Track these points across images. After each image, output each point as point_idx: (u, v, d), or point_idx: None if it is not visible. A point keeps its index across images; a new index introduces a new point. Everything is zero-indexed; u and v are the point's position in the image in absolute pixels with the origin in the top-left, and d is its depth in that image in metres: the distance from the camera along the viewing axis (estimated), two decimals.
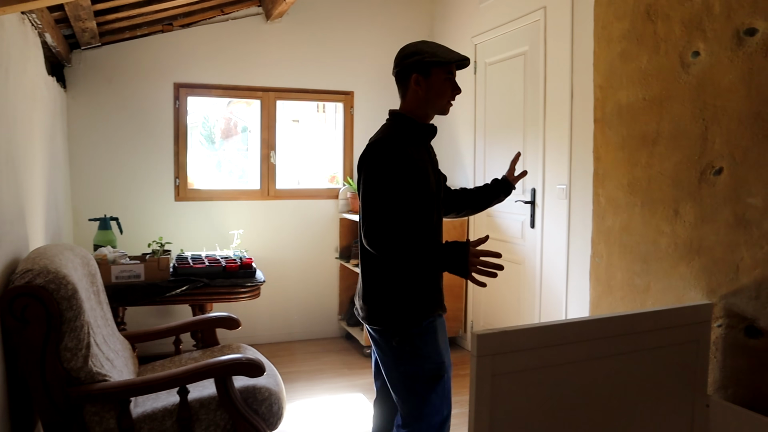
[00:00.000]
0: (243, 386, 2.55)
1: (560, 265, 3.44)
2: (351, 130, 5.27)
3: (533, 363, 1.93)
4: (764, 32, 2.15)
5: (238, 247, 4.45)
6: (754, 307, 2.21)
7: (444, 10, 5.20)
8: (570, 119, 3.40)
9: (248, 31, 4.93)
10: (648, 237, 2.67)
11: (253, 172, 5.10)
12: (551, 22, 3.62)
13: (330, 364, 4.52)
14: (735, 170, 2.28)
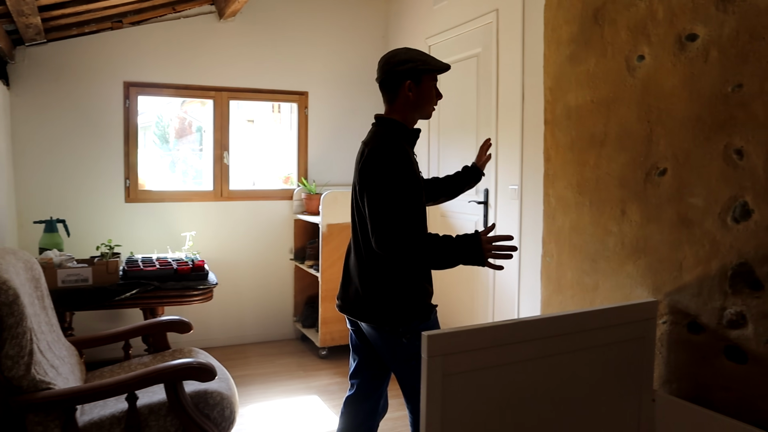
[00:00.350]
0: (194, 391, 2.51)
1: (512, 265, 3.49)
2: (305, 130, 5.25)
3: (484, 363, 1.94)
4: (704, 38, 2.22)
5: (190, 249, 4.38)
6: (696, 303, 2.28)
7: (398, 11, 5.21)
8: (521, 120, 3.45)
9: (201, 29, 4.85)
10: (596, 236, 2.73)
11: (207, 172, 5.02)
12: (503, 24, 3.67)
13: (285, 366, 4.49)
14: (678, 171, 2.34)
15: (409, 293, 2.25)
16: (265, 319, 5.14)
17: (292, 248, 5.20)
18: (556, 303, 2.99)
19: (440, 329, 1.90)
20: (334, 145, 5.33)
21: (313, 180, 5.22)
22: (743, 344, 2.11)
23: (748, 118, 2.08)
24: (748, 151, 2.08)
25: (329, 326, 4.58)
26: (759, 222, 2.05)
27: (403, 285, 2.24)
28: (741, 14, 2.09)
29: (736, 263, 2.13)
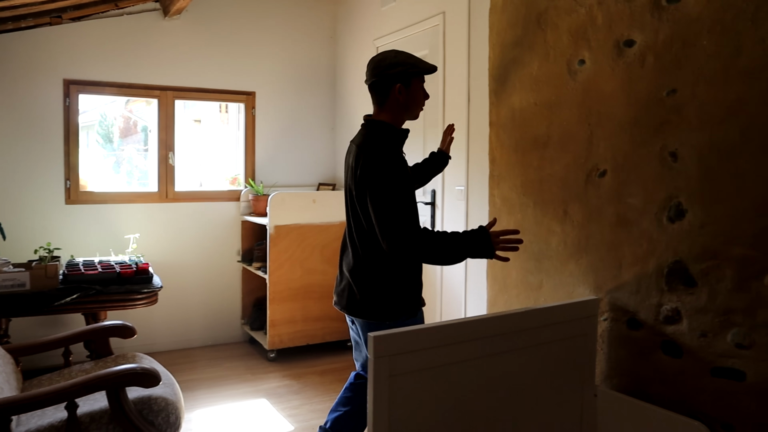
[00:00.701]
0: (137, 397, 2.46)
1: (459, 265, 3.53)
2: (253, 131, 5.19)
3: (430, 362, 1.96)
4: (641, 44, 2.30)
5: (134, 252, 4.28)
6: (635, 300, 2.36)
7: (347, 11, 5.21)
8: (467, 122, 3.49)
9: (145, 27, 4.75)
10: (540, 236, 2.79)
11: (153, 173, 4.92)
12: (449, 27, 3.71)
13: (233, 369, 4.43)
14: (617, 172, 2.42)
15: (398, 289, 2.37)
16: (212, 322, 5.06)
17: (240, 250, 5.14)
18: (502, 302, 3.04)
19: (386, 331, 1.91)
20: (282, 146, 5.30)
21: (260, 181, 5.17)
22: (678, 339, 2.19)
23: (681, 121, 2.16)
24: (682, 153, 2.16)
25: (278, 328, 4.55)
26: (692, 221, 2.13)
27: (393, 281, 2.35)
28: (674, 22, 2.17)
29: (671, 261, 2.21)
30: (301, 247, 4.59)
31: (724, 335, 2.05)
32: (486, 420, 2.14)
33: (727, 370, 2.05)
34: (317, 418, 3.54)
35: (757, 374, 1.97)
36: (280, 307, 4.54)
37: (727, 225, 2.02)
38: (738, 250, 2.00)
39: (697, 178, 2.11)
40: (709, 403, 2.11)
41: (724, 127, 2.03)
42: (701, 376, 2.13)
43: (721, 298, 2.05)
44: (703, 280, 2.11)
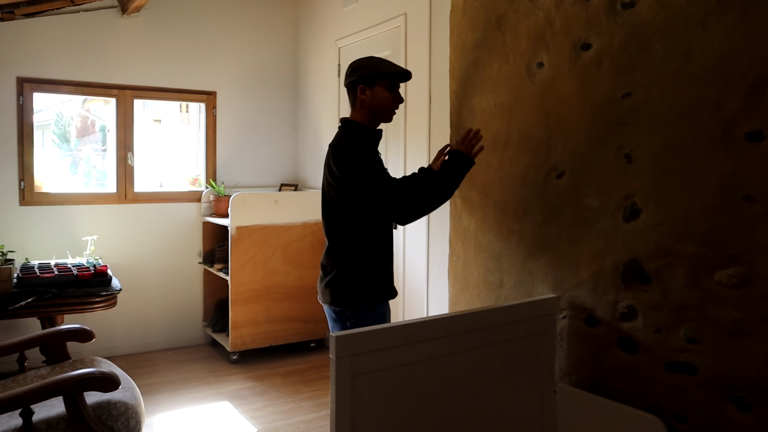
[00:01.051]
0: (96, 402, 2.42)
1: (421, 265, 3.56)
2: (214, 131, 5.14)
3: (392, 362, 1.98)
4: (597, 48, 2.35)
5: (92, 254, 4.20)
6: (592, 298, 2.41)
7: (308, 12, 5.20)
8: (428, 123, 3.52)
9: (102, 24, 4.66)
10: (500, 236, 2.83)
11: (111, 174, 4.82)
12: (411, 28, 3.73)
13: (194, 372, 4.38)
14: (575, 173, 2.47)
15: (360, 280, 2.46)
16: (173, 324, 4.99)
17: (201, 251, 5.08)
18: (464, 301, 3.07)
19: (348, 330, 1.92)
20: (244, 146, 5.26)
21: (221, 181, 5.12)
22: (634, 335, 2.25)
23: (636, 123, 2.22)
24: (637, 154, 2.22)
25: (240, 330, 4.51)
26: (647, 221, 2.19)
27: (356, 272, 2.46)
28: (629, 26, 2.23)
29: (627, 260, 2.27)
30: (263, 248, 4.56)
31: (677, 331, 2.11)
32: (448, 417, 2.16)
33: (679, 364, 2.11)
34: (281, 420, 3.53)
35: (707, 368, 2.03)
36: (242, 308, 4.51)
37: (680, 224, 2.09)
38: (690, 248, 2.06)
39: (651, 179, 2.17)
40: (663, 396, 2.17)
41: (676, 129, 2.09)
42: (656, 371, 2.19)
43: (674, 294, 2.11)
44: (657, 278, 2.17)
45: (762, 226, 1.87)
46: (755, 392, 1.92)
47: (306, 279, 4.75)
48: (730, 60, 1.93)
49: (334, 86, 4.72)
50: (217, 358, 4.70)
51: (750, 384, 1.93)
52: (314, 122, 5.15)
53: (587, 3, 2.39)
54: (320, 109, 5.02)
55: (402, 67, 2.53)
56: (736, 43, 1.92)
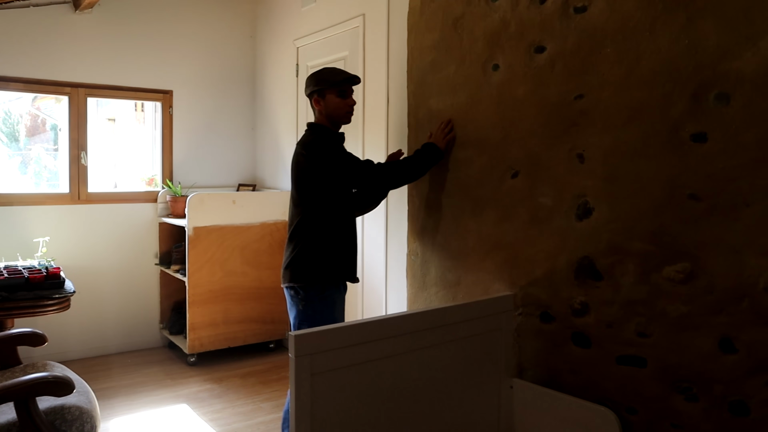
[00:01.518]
0: (49, 407, 2.37)
1: (379, 264, 3.58)
2: (170, 130, 5.07)
3: (351, 360, 2.00)
4: (550, 50, 2.41)
5: (43, 256, 4.10)
6: (547, 295, 2.47)
7: (267, 11, 5.17)
8: (386, 123, 3.55)
9: (54, 20, 4.55)
10: (457, 234, 2.87)
11: (64, 174, 4.71)
12: (369, 29, 3.76)
13: (151, 375, 4.32)
14: (529, 173, 2.52)
15: (312, 263, 2.71)
16: (128, 327, 4.91)
17: (158, 252, 5.01)
18: (422, 299, 3.11)
19: (306, 330, 1.93)
20: (201, 146, 5.20)
21: (178, 182, 5.06)
22: (587, 330, 2.32)
23: (588, 124, 2.28)
24: (589, 154, 2.28)
25: (198, 332, 4.46)
26: (598, 219, 2.26)
27: (314, 251, 2.72)
28: (581, 30, 2.29)
29: (580, 257, 2.33)
30: (221, 248, 4.52)
31: (628, 325, 2.18)
32: (407, 414, 2.19)
33: (630, 357, 2.19)
34: (240, 422, 3.51)
35: (656, 360, 2.11)
36: (200, 310, 4.46)
37: (630, 222, 2.16)
38: (639, 245, 2.13)
39: (602, 178, 2.24)
40: (615, 389, 2.24)
41: (626, 131, 2.16)
42: (608, 365, 2.26)
43: (625, 290, 2.18)
44: (608, 274, 2.24)
45: (706, 223, 1.95)
46: (701, 383, 1.99)
47: (265, 279, 4.72)
48: (676, 64, 2.01)
49: (292, 86, 4.71)
50: (174, 361, 4.64)
51: (696, 375, 2.00)
52: (272, 122, 5.13)
53: (541, 7, 2.44)
54: (278, 108, 5.00)
55: (349, 74, 2.80)
56: (681, 48, 1.99)
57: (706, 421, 1.99)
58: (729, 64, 1.88)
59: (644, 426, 2.16)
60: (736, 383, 1.91)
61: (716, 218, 1.93)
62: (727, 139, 1.89)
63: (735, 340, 1.91)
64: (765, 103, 1.81)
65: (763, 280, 1.84)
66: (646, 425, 2.16)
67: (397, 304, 3.47)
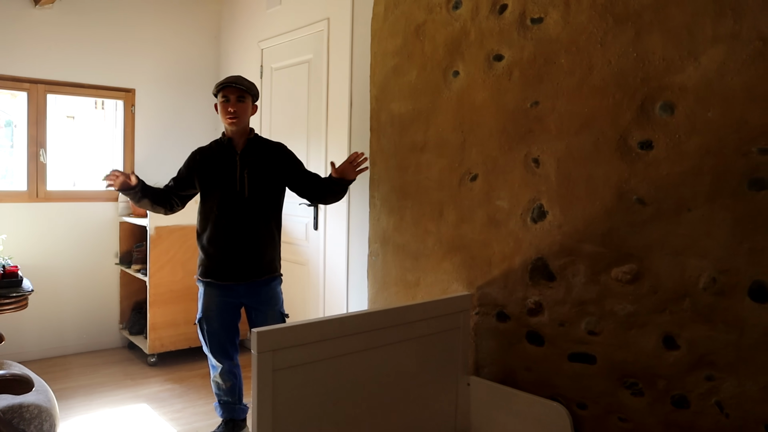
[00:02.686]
0: (7, 405, 2.35)
1: (341, 265, 3.64)
2: (132, 129, 5.03)
3: (312, 356, 2.05)
4: (508, 59, 2.50)
5: (1, 254, 4.04)
6: (503, 295, 2.56)
7: (231, 12, 5.18)
8: (349, 126, 3.60)
9: (12, 14, 4.46)
10: (417, 236, 2.95)
11: (20, 171, 4.63)
12: (334, 33, 3.81)
13: (111, 376, 4.28)
14: (487, 177, 2.61)
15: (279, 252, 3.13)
16: (87, 327, 4.85)
17: (118, 252, 4.96)
18: (382, 299, 3.17)
19: (269, 327, 1.97)
20: (164, 145, 5.17)
21: None
22: (541, 329, 2.41)
23: (543, 130, 2.37)
24: (543, 159, 2.38)
25: (158, 332, 4.44)
26: (552, 222, 2.35)
27: (278, 246, 3.12)
28: (537, 41, 2.39)
29: (534, 258, 2.42)
30: (183, 248, 4.51)
31: (579, 324, 2.28)
32: (367, 409, 2.25)
33: (581, 355, 2.29)
34: (201, 421, 3.51)
35: (605, 357, 2.21)
36: (161, 309, 4.44)
37: (581, 225, 2.26)
38: (590, 247, 2.23)
39: (556, 183, 2.34)
40: (566, 385, 2.34)
41: (579, 137, 2.26)
42: (560, 362, 2.36)
43: (576, 290, 2.28)
44: (561, 275, 2.33)
45: (651, 227, 2.06)
46: (646, 378, 2.10)
47: None
48: (625, 75, 2.12)
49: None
50: (134, 361, 4.61)
51: (641, 371, 2.11)
52: None
53: (500, 17, 2.53)
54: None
55: (221, 81, 3.00)
56: (630, 61, 2.10)
57: (651, 414, 2.10)
58: (673, 77, 2.00)
59: (594, 420, 2.27)
60: (678, 378, 2.02)
61: (661, 222, 2.04)
62: (671, 148, 2.00)
63: (677, 337, 2.02)
64: (705, 114, 1.92)
65: (703, 281, 1.95)
66: (595, 419, 2.26)
67: (358, 303, 3.53)
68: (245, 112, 3.00)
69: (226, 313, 3.06)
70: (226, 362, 3.11)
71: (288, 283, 4.26)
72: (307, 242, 4.09)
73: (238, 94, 2.95)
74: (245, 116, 3.00)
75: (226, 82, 2.96)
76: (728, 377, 1.92)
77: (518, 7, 2.46)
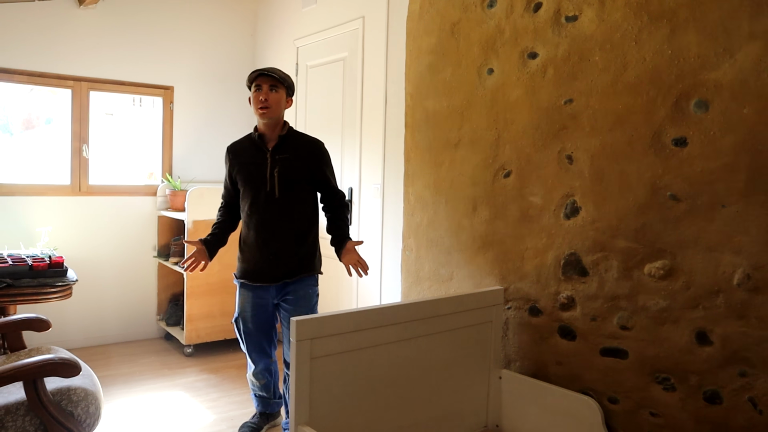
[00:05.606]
0: (56, 388, 2.46)
1: (375, 259, 3.69)
2: (170, 125, 5.16)
3: (348, 346, 2.11)
4: (543, 57, 2.53)
5: (46, 245, 4.18)
6: (535, 290, 2.59)
7: (267, 10, 5.27)
8: (384, 123, 3.66)
9: (58, 14, 4.62)
10: (451, 231, 2.99)
11: (61, 166, 4.79)
12: (369, 31, 3.86)
13: (149, 365, 4.41)
14: (520, 173, 2.64)
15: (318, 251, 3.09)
16: (127, 318, 4.99)
17: (156, 245, 5.10)
18: (415, 293, 3.22)
19: (307, 316, 2.03)
20: (200, 142, 5.29)
21: (177, 176, 5.15)
22: (573, 324, 2.44)
23: (576, 127, 2.40)
24: (577, 156, 2.40)
25: (195, 323, 4.56)
26: (585, 218, 2.38)
27: (316, 245, 3.07)
28: (572, 39, 2.41)
29: (567, 254, 2.45)
30: None
31: (611, 319, 2.30)
32: (400, 399, 2.30)
33: (613, 350, 2.31)
34: (236, 410, 3.61)
35: (637, 352, 2.23)
36: (197, 302, 4.56)
37: (614, 221, 2.28)
38: (623, 243, 2.25)
39: (589, 179, 2.36)
40: (598, 380, 2.36)
41: (612, 134, 2.28)
42: (592, 356, 2.38)
43: (609, 285, 2.30)
44: (593, 270, 2.36)
45: (685, 222, 2.07)
46: (678, 374, 2.12)
47: None
48: (659, 72, 2.13)
49: None
50: (171, 352, 4.73)
51: (674, 366, 2.13)
52: None
53: (535, 15, 2.56)
54: None
55: (256, 71, 2.90)
56: (665, 58, 2.12)
57: (683, 410, 2.11)
58: (708, 74, 2.01)
59: (625, 414, 2.29)
60: (711, 374, 2.04)
61: (694, 218, 2.05)
62: (706, 144, 2.02)
63: (710, 333, 2.03)
64: (740, 111, 1.93)
65: (737, 277, 1.96)
66: (626, 414, 2.28)
67: (391, 298, 3.58)
68: (278, 103, 2.88)
69: (260, 314, 3.07)
70: (262, 361, 3.13)
71: (323, 277, 4.34)
72: None
73: (271, 83, 2.86)
74: (278, 108, 2.89)
75: (260, 71, 2.87)
76: (762, 374, 1.93)
77: (553, 5, 2.49)
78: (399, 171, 3.45)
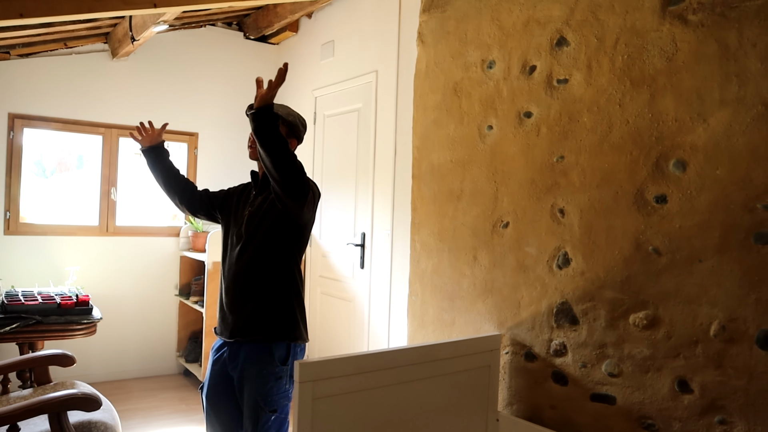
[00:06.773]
0: (78, 421, 2.63)
1: (384, 303, 3.84)
2: (194, 170, 5.41)
3: (349, 388, 2.24)
4: (537, 116, 2.70)
5: (74, 283, 4.41)
6: (530, 336, 2.71)
7: (288, 61, 5.52)
8: (393, 173, 3.84)
9: (93, 66, 4.95)
10: (453, 278, 3.13)
11: (90, 207, 5.05)
12: (381, 85, 4.08)
13: (167, 400, 4.57)
14: (517, 224, 2.79)
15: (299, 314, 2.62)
16: (148, 354, 5.18)
17: (178, 284, 5.30)
18: (420, 337, 3.35)
19: (311, 359, 2.18)
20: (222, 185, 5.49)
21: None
22: (565, 369, 2.55)
23: (567, 183, 2.55)
24: (568, 210, 2.55)
25: None
26: (575, 269, 2.51)
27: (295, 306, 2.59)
28: (563, 100, 2.58)
29: (559, 302, 2.58)
30: None
31: (600, 366, 2.42)
32: None
33: (602, 395, 2.41)
34: None
35: (624, 398, 2.33)
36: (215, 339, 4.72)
37: (602, 272, 2.41)
38: (610, 293, 2.38)
39: (579, 232, 2.50)
40: (589, 424, 2.46)
41: (599, 191, 2.43)
42: (583, 401, 2.48)
43: (597, 334, 2.42)
44: (583, 319, 2.48)
45: (666, 275, 2.20)
46: (662, 420, 2.22)
47: None
48: (641, 134, 2.29)
49: (309, 132, 5.04)
50: (189, 388, 4.89)
51: (657, 412, 2.23)
52: None
53: (530, 77, 2.74)
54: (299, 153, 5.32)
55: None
56: (646, 121, 2.27)
57: None
58: (685, 137, 2.16)
59: None
60: (692, 421, 2.14)
61: (675, 271, 2.18)
62: (684, 202, 2.15)
63: (690, 381, 2.14)
64: (714, 172, 2.07)
65: (713, 328, 2.07)
66: None
67: (399, 340, 3.71)
68: None
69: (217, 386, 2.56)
70: None
71: (334, 318, 4.49)
72: (354, 280, 4.32)
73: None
74: None
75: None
76: (739, 421, 2.02)
77: (546, 69, 2.67)
78: (407, 219, 3.61)
